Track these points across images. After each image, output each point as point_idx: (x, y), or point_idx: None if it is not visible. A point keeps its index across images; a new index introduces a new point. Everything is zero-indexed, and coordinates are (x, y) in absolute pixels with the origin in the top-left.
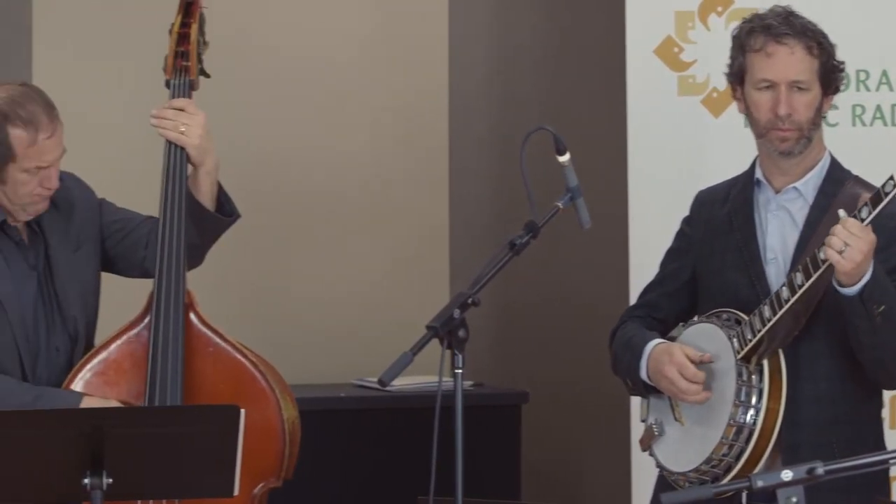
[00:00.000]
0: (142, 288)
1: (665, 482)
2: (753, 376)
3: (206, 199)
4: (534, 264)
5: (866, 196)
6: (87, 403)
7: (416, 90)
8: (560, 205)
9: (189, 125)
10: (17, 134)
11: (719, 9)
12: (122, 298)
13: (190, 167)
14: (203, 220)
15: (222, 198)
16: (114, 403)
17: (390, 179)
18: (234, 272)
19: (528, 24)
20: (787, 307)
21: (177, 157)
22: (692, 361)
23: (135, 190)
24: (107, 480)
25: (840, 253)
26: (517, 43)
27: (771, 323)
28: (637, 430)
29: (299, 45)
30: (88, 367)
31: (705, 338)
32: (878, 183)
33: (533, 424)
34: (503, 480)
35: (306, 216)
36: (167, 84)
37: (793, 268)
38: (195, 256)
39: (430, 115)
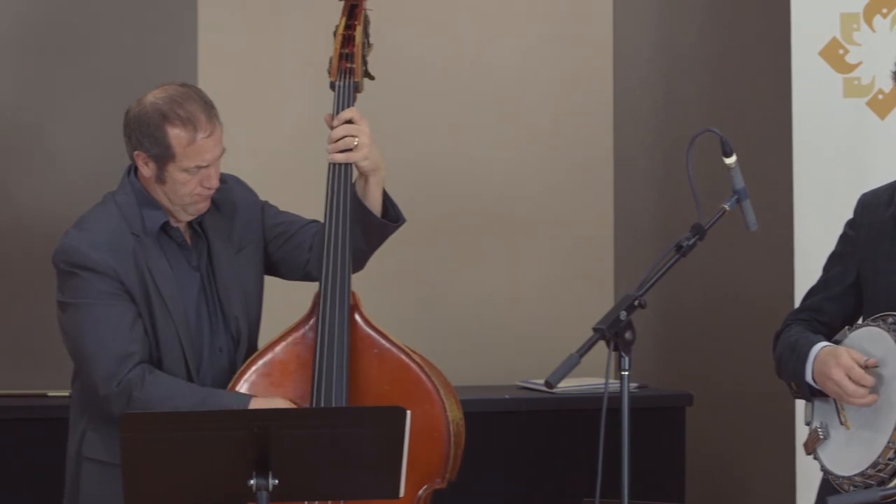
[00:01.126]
0: (306, 290)
1: (829, 485)
2: None
3: (374, 204)
4: (698, 266)
5: None
6: (254, 405)
7: (582, 93)
8: (727, 207)
9: (359, 138)
10: (175, 133)
11: (885, 10)
12: (286, 301)
13: (356, 172)
14: (369, 226)
15: (387, 202)
16: (281, 403)
17: (556, 182)
18: (401, 275)
19: (693, 27)
20: None
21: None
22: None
23: (299, 191)
24: (272, 481)
25: None
26: (682, 46)
27: None
28: (801, 431)
29: (464, 49)
30: (254, 368)
31: (872, 341)
32: None
33: (697, 426)
34: (667, 483)
35: (472, 219)
36: (332, 86)
37: None
38: (359, 260)
39: (595, 118)
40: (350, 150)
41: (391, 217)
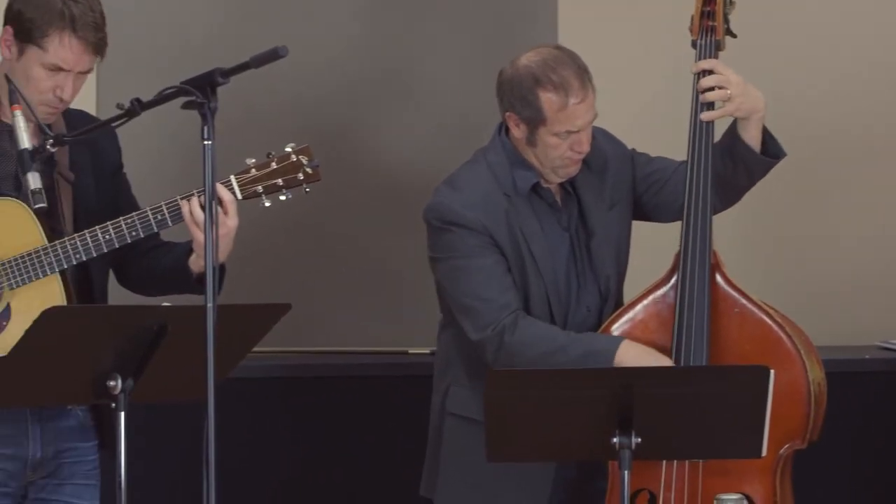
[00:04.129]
0: (667, 248)
1: None
2: None
3: (753, 141)
4: None
5: None
6: (624, 348)
7: None
8: None
9: (730, 89)
10: (547, 97)
11: None
12: (648, 257)
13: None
14: (750, 162)
15: (766, 137)
16: (651, 352)
17: None
18: (758, 232)
19: None
20: None
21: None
22: None
23: (661, 147)
24: (635, 440)
25: None
26: None
27: None
28: None
29: (825, 4)
30: (615, 326)
31: None
32: None
33: None
34: None
35: (830, 174)
36: (693, 44)
37: None
38: (734, 197)
39: None
40: (716, 102)
41: (771, 153)
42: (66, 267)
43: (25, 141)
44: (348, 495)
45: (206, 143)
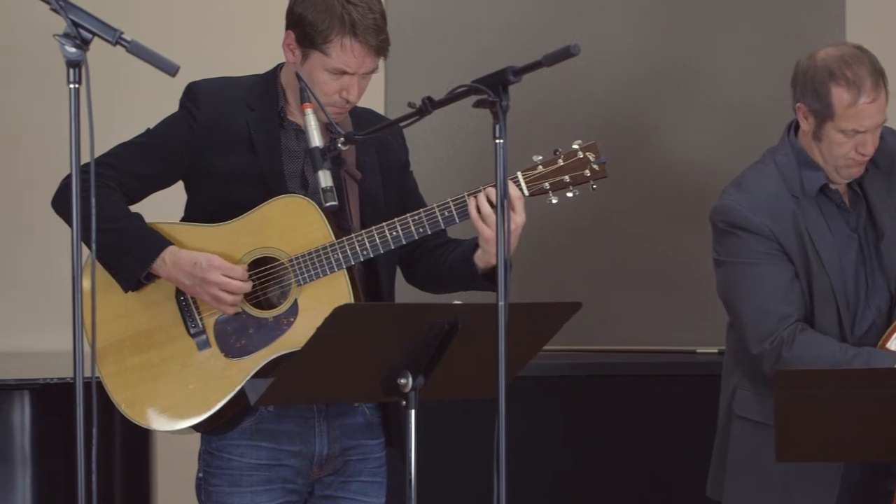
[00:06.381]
0: None
1: None
2: None
3: None
4: None
5: None
6: None
7: None
8: None
9: None
10: (839, 93)
11: None
12: None
13: None
14: None
15: None
16: None
17: None
18: None
19: None
20: None
21: None
22: None
23: None
24: None
25: None
26: None
27: None
28: None
29: None
30: None
31: None
32: None
33: None
34: None
35: None
36: None
37: None
38: None
39: None
40: None
41: None
42: (353, 264)
43: (317, 139)
44: (633, 495)
45: (497, 141)
